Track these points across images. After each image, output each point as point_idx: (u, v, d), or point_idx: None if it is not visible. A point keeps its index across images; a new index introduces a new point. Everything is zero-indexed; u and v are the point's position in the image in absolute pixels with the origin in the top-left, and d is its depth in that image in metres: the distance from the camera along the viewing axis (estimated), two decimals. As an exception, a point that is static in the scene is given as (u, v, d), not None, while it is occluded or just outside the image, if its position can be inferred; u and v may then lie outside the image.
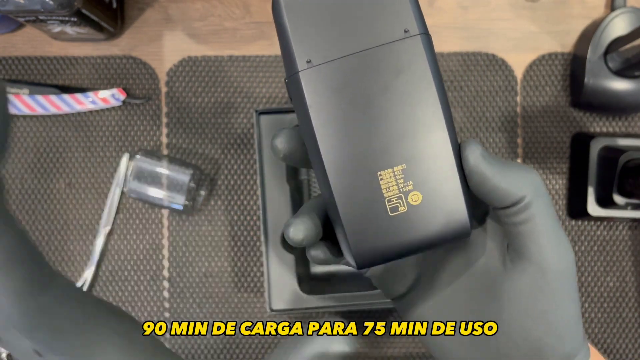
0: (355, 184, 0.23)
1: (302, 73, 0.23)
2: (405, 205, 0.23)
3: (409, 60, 0.23)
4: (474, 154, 0.23)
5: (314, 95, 0.23)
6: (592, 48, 0.52)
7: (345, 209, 0.23)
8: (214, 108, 0.55)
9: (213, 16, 0.55)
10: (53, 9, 0.43)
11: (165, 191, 0.52)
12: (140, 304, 0.54)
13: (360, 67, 0.23)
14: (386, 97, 0.23)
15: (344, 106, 0.23)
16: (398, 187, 0.23)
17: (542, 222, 0.24)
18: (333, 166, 0.23)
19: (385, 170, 0.23)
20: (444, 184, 0.23)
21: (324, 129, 0.23)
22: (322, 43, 0.23)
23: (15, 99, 0.53)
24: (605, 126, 0.55)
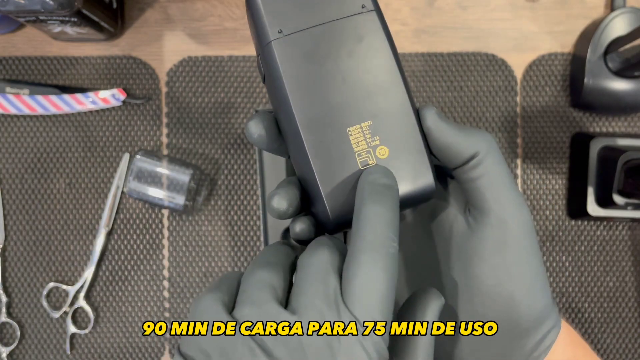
0: (327, 140, 0.24)
1: (275, 42, 0.25)
2: (374, 158, 0.25)
3: (368, 30, 0.25)
4: (430, 112, 0.25)
5: (286, 62, 0.24)
6: (592, 48, 0.52)
7: (319, 163, 0.24)
8: (214, 108, 0.55)
9: (213, 16, 0.55)
10: (53, 9, 0.43)
11: (166, 191, 0.52)
12: (140, 304, 0.54)
13: (326, 36, 0.25)
14: (351, 61, 0.25)
15: (314, 70, 0.25)
16: (366, 142, 0.25)
17: (496, 176, 0.25)
18: (305, 124, 0.24)
19: (354, 126, 0.25)
20: (407, 139, 0.25)
21: (297, 92, 0.24)
22: (291, 15, 0.25)
23: (16, 99, 0.53)
24: (605, 126, 0.55)
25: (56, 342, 0.54)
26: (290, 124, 0.25)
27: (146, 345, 0.54)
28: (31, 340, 0.54)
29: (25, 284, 0.54)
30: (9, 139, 0.54)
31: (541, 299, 0.26)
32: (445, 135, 0.25)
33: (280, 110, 0.25)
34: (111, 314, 0.54)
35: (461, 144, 0.25)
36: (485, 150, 0.25)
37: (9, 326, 0.54)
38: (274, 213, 0.25)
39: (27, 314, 0.54)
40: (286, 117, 0.25)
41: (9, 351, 0.54)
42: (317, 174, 0.24)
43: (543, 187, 0.55)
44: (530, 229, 0.25)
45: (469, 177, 0.25)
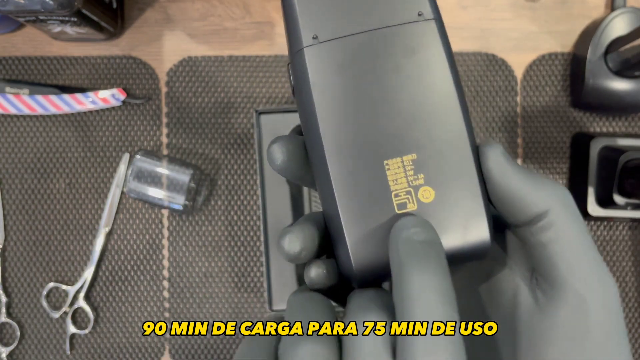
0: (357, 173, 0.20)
1: (307, 49, 0.21)
2: (414, 202, 0.20)
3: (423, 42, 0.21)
4: (494, 151, 0.20)
5: (318, 74, 0.21)
6: (592, 48, 0.52)
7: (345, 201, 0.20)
8: (214, 108, 0.55)
9: (213, 16, 0.55)
10: (53, 9, 0.42)
11: (165, 191, 0.52)
12: (140, 304, 0.54)
13: (370, 46, 0.21)
14: (397, 78, 0.21)
15: (350, 86, 0.21)
16: (407, 180, 0.20)
17: (573, 241, 0.20)
18: (334, 151, 0.20)
19: (393, 159, 0.20)
20: (460, 181, 0.20)
21: (327, 110, 0.21)
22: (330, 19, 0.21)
23: (15, 98, 0.53)
24: (605, 126, 0.55)
25: (56, 342, 0.54)
26: (316, 150, 0.21)
27: (146, 345, 0.54)
28: (31, 341, 0.54)
29: (25, 284, 0.54)
30: (9, 139, 0.54)
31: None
32: (509, 183, 0.20)
33: (307, 131, 0.22)
34: (111, 314, 0.54)
35: (529, 196, 0.20)
36: (558, 208, 0.20)
37: (9, 326, 0.54)
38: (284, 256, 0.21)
39: (27, 314, 0.54)
40: (312, 141, 0.21)
41: (8, 351, 0.54)
42: (342, 215, 0.20)
43: (543, 187, 0.55)
44: (617, 310, 0.20)
45: (537, 240, 0.20)
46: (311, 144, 0.21)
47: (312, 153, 0.21)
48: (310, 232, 0.21)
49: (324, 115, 0.21)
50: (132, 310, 0.54)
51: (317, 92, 0.21)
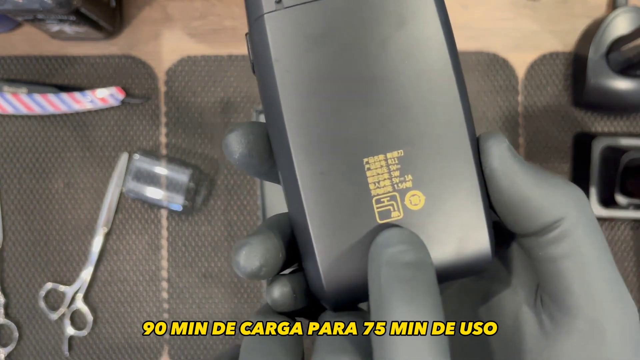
0: (330, 173, 0.16)
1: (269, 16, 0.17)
2: (400, 209, 0.17)
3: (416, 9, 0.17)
4: (499, 147, 0.17)
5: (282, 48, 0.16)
6: (594, 47, 0.52)
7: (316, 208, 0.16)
8: (213, 108, 0.54)
9: (212, 15, 0.55)
10: (51, 8, 0.42)
11: (164, 191, 0.51)
12: (139, 304, 0.54)
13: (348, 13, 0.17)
14: (382, 55, 0.17)
15: (322, 64, 0.17)
16: (392, 182, 0.17)
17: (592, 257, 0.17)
18: (301, 146, 0.16)
19: (374, 156, 0.17)
20: (456, 183, 0.17)
21: (292, 95, 0.16)
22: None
23: (14, 98, 0.52)
24: (607, 126, 0.55)
25: (55, 343, 0.54)
26: (280, 143, 0.17)
27: (145, 346, 0.54)
28: (29, 342, 0.54)
29: (24, 285, 0.54)
30: (7, 139, 0.54)
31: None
32: (516, 186, 0.17)
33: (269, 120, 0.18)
34: (110, 315, 0.54)
35: (540, 201, 0.17)
36: (575, 215, 0.17)
37: (7, 327, 0.54)
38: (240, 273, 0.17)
39: (25, 315, 0.54)
40: (275, 133, 0.17)
41: (7, 352, 0.53)
42: (311, 225, 0.16)
43: (545, 187, 0.55)
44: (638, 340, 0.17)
45: (546, 254, 0.17)
46: (274, 136, 0.17)
47: (276, 147, 0.17)
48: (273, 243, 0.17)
49: (288, 101, 0.16)
50: (130, 311, 0.54)
51: (280, 72, 0.17)
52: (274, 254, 0.17)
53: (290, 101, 0.16)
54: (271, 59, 0.17)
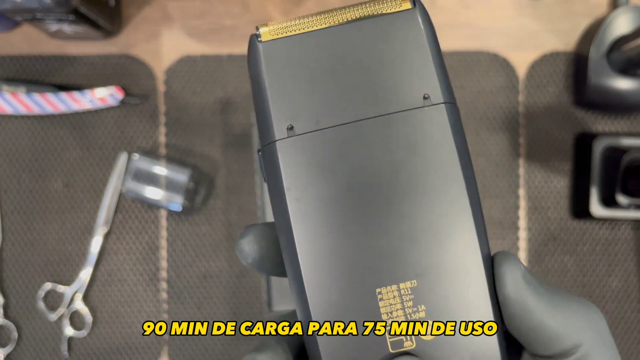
0: (343, 304, 0.17)
1: (280, 143, 0.17)
2: (413, 339, 0.17)
3: (429, 135, 0.17)
4: (513, 273, 0.17)
5: (293, 175, 0.17)
6: (595, 47, 0.51)
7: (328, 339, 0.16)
8: (212, 107, 0.54)
9: (212, 14, 0.54)
10: (50, 7, 0.42)
11: (164, 191, 0.51)
12: (139, 305, 0.54)
13: (360, 141, 0.17)
14: (394, 185, 0.17)
15: (333, 193, 0.17)
16: (405, 313, 0.17)
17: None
18: (314, 275, 0.17)
19: (387, 287, 0.17)
20: (469, 315, 0.17)
21: (304, 223, 0.17)
22: (309, 106, 0.17)
23: (12, 97, 0.52)
24: (608, 125, 0.55)
25: (54, 344, 0.54)
26: (292, 269, 0.17)
27: (144, 346, 0.54)
28: (29, 342, 0.54)
29: (23, 285, 0.54)
30: (6, 139, 0.54)
31: None
32: (531, 314, 0.17)
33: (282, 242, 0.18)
34: (109, 315, 0.54)
35: (556, 329, 0.17)
36: (591, 342, 0.17)
37: (6, 328, 0.54)
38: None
39: (24, 315, 0.54)
40: (288, 257, 0.17)
41: (6, 353, 0.53)
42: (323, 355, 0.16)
43: (546, 187, 0.55)
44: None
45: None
46: (286, 259, 0.18)
47: (288, 269, 0.18)
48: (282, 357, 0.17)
49: (300, 229, 0.17)
50: (130, 311, 0.54)
51: (292, 199, 0.17)
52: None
53: (301, 230, 0.17)
54: (283, 187, 0.17)
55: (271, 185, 0.18)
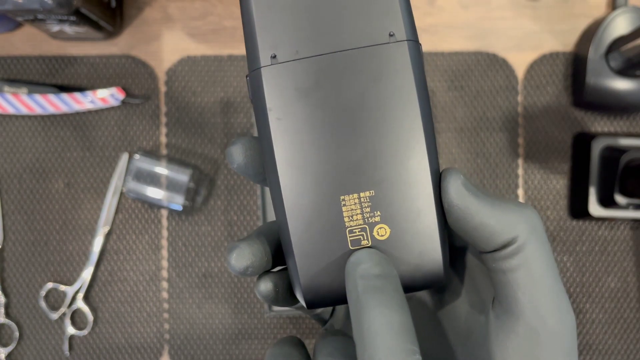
0: (313, 207, 0.20)
1: (265, 69, 0.20)
2: (369, 239, 0.20)
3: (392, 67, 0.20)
4: (454, 183, 0.20)
5: (275, 97, 0.20)
6: (594, 47, 0.52)
7: (299, 234, 0.20)
8: (213, 107, 0.54)
9: (212, 15, 0.55)
10: (51, 8, 0.42)
11: (165, 191, 0.51)
12: (140, 304, 0.54)
13: (333, 70, 0.20)
14: (360, 108, 0.20)
15: (309, 113, 0.20)
16: (363, 217, 0.20)
17: (538, 271, 0.19)
18: (289, 182, 0.20)
19: (350, 195, 0.20)
20: (417, 219, 0.20)
21: (283, 138, 0.20)
22: (292, 37, 0.20)
23: (14, 98, 0.52)
24: (607, 126, 0.55)
25: (55, 343, 0.54)
26: (271, 175, 0.20)
27: (145, 346, 0.54)
28: (30, 342, 0.54)
29: (24, 285, 0.54)
30: (7, 139, 0.54)
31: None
32: (472, 216, 0.19)
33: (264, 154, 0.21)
34: (110, 314, 0.54)
35: (494, 226, 0.19)
36: (526, 234, 0.19)
37: (8, 327, 0.54)
38: (231, 270, 0.21)
39: (25, 314, 0.54)
40: (268, 166, 0.21)
41: (7, 352, 0.53)
42: (294, 248, 0.20)
43: (545, 187, 0.55)
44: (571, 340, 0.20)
45: (499, 267, 0.20)
46: (267, 168, 0.21)
47: (268, 176, 0.21)
48: (260, 248, 0.21)
49: (279, 143, 0.20)
50: (131, 310, 0.54)
51: (274, 118, 0.20)
52: (260, 257, 0.21)
53: (280, 143, 0.20)
54: (266, 107, 0.20)
55: (256, 106, 0.21)
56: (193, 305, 0.54)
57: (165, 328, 0.54)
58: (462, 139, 0.55)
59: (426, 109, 0.20)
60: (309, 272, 0.20)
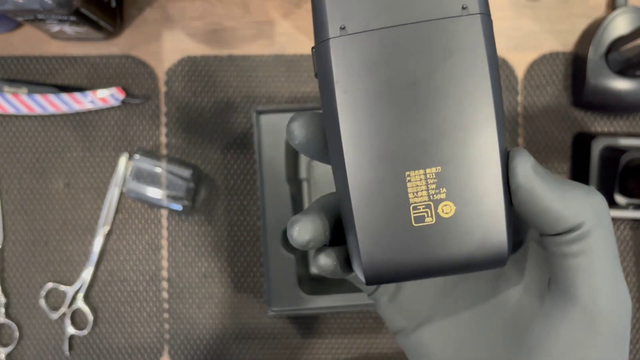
0: (376, 182, 0.19)
1: (333, 41, 0.19)
2: (433, 216, 0.19)
3: (464, 41, 0.19)
4: (524, 165, 0.19)
5: (343, 70, 0.19)
6: (594, 47, 0.52)
7: (361, 209, 0.20)
8: (213, 108, 0.54)
9: (212, 15, 0.55)
10: (51, 8, 0.42)
11: (165, 191, 0.52)
12: (140, 304, 0.54)
13: (403, 43, 0.19)
14: (430, 82, 0.19)
15: (377, 87, 0.19)
16: (428, 194, 0.19)
17: (600, 258, 0.19)
18: (354, 157, 0.19)
19: (415, 170, 0.19)
20: (483, 198, 0.19)
21: (349, 112, 0.19)
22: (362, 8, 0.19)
23: (14, 98, 0.52)
24: (607, 126, 0.55)
25: (55, 343, 0.54)
26: (335, 149, 0.20)
27: (145, 346, 0.54)
28: (30, 341, 0.54)
29: (24, 285, 0.54)
30: (7, 139, 0.54)
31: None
32: (539, 199, 0.19)
33: (327, 128, 0.21)
34: (110, 314, 0.54)
35: (561, 212, 0.19)
36: (592, 221, 0.19)
37: (8, 327, 0.54)
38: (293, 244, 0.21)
39: (25, 314, 0.54)
40: (332, 140, 0.20)
41: (7, 352, 0.53)
42: (356, 221, 0.20)
43: (544, 187, 0.55)
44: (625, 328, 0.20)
45: (562, 251, 0.20)
46: (331, 142, 0.20)
47: (332, 151, 0.20)
48: (321, 222, 0.21)
49: (345, 117, 0.19)
50: (131, 310, 0.54)
51: (340, 91, 0.19)
52: (321, 232, 0.21)
53: (346, 117, 0.19)
54: (333, 79, 0.19)
55: (321, 78, 0.20)
56: (193, 305, 0.54)
57: (165, 328, 0.54)
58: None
59: (497, 87, 0.20)
60: (370, 248, 0.20)
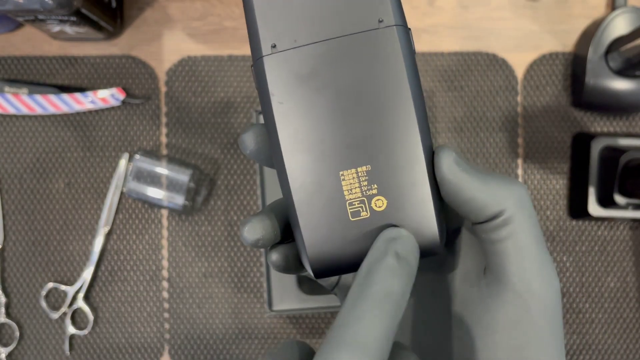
0: (315, 183, 0.21)
1: (266, 58, 0.21)
2: (367, 210, 0.21)
3: (383, 51, 0.21)
4: (447, 159, 0.21)
5: (277, 83, 0.21)
6: (593, 48, 0.52)
7: (303, 208, 0.21)
8: (213, 108, 0.54)
9: (213, 15, 0.55)
10: (52, 8, 0.42)
11: (165, 191, 0.52)
12: (140, 304, 0.54)
13: (329, 56, 0.21)
14: (355, 90, 0.21)
15: (308, 97, 0.21)
16: (361, 190, 0.21)
17: (525, 241, 0.21)
18: (293, 161, 0.21)
19: (348, 170, 0.21)
20: (411, 191, 0.21)
21: (285, 121, 0.21)
22: (289, 27, 0.22)
23: (14, 98, 0.53)
24: (606, 126, 0.55)
25: (55, 342, 0.54)
26: (277, 156, 0.22)
27: (146, 346, 0.54)
28: (30, 341, 0.54)
29: (25, 284, 0.54)
30: (8, 139, 0.54)
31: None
32: (463, 189, 0.21)
33: (269, 136, 0.22)
34: (110, 314, 0.54)
35: (484, 200, 0.21)
36: (513, 207, 0.21)
37: (8, 327, 0.54)
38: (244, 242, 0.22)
39: (26, 314, 0.54)
40: (273, 148, 0.22)
41: (8, 352, 0.54)
42: (300, 222, 0.21)
43: (544, 187, 0.55)
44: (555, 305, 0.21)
45: (489, 237, 0.21)
46: (273, 148, 0.22)
47: (274, 157, 0.22)
48: (270, 222, 0.22)
49: (282, 125, 0.21)
50: (131, 310, 0.54)
51: (276, 103, 0.21)
52: (270, 231, 0.22)
53: (283, 126, 0.21)
54: (269, 92, 0.21)
55: (260, 92, 0.22)
56: (193, 305, 0.54)
57: (165, 328, 0.54)
58: (462, 139, 0.55)
59: (417, 89, 0.21)
60: (314, 243, 0.22)
